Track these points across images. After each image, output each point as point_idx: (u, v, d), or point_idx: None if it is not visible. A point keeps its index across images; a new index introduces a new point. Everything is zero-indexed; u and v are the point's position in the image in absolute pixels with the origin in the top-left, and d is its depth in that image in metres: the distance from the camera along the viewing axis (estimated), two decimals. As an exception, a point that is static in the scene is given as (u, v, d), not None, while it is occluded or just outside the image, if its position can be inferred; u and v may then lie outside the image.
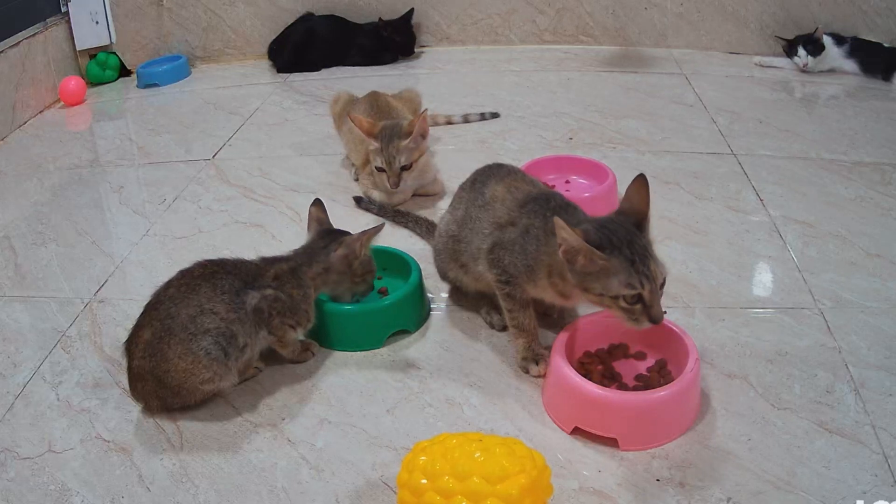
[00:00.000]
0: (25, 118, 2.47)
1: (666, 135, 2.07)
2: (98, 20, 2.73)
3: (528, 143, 2.08)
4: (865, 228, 1.62)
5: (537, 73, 2.59)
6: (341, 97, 2.02)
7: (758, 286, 1.49)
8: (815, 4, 2.56)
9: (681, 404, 1.13)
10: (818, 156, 1.95)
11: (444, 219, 1.41)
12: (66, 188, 2.01)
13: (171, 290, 1.19)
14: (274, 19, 2.84)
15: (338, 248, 1.29)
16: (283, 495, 1.07)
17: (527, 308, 1.24)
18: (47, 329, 1.46)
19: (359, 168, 1.86)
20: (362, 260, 1.31)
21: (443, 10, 2.84)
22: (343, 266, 1.30)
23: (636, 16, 2.69)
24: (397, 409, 1.22)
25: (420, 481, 0.95)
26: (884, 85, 2.38)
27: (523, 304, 1.24)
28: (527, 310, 1.25)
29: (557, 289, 1.17)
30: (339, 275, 1.31)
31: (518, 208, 1.24)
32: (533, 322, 1.25)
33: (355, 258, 1.30)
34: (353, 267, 1.31)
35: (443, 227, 1.40)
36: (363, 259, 1.32)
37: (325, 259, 1.29)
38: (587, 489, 1.05)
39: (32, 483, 1.11)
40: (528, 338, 1.25)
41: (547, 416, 1.18)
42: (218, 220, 1.80)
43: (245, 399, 1.25)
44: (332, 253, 1.29)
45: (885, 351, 1.27)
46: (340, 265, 1.30)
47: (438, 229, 1.43)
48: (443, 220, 1.42)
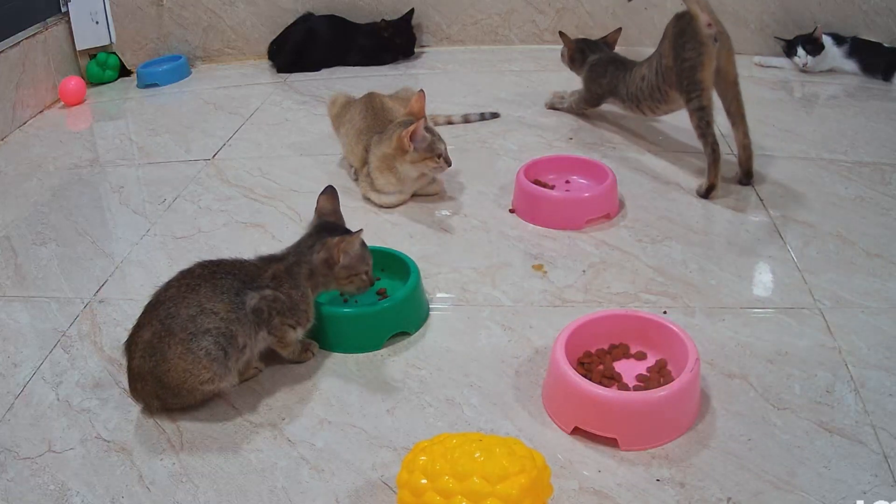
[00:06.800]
0: (25, 118, 2.47)
1: (666, 134, 2.07)
2: (98, 20, 2.72)
3: (528, 143, 2.08)
4: (865, 228, 1.62)
5: (537, 73, 2.59)
6: (339, 98, 2.02)
7: (758, 286, 1.49)
8: (815, 4, 2.56)
9: (681, 404, 1.13)
10: (818, 156, 1.95)
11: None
12: (66, 188, 2.01)
13: (170, 291, 1.19)
14: (274, 19, 2.84)
15: (320, 250, 1.27)
16: (283, 495, 1.08)
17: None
18: (47, 329, 1.46)
19: (357, 169, 1.86)
20: (345, 263, 1.27)
21: (443, 11, 2.84)
22: (325, 269, 1.27)
23: (636, 16, 2.69)
24: (397, 409, 1.22)
25: (420, 481, 0.95)
26: (884, 85, 2.38)
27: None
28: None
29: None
30: (324, 276, 1.28)
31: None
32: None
33: (335, 263, 1.27)
34: (334, 270, 1.28)
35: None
36: (346, 263, 1.28)
37: (309, 260, 1.27)
38: (587, 489, 1.05)
39: (32, 483, 1.11)
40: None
41: (547, 416, 1.18)
42: (218, 220, 1.80)
43: (245, 399, 1.25)
44: (315, 255, 1.27)
45: (885, 351, 1.27)
46: (322, 268, 1.27)
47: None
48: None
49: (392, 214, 1.78)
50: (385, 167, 1.74)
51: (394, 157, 1.71)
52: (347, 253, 1.27)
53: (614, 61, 2.06)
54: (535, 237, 1.65)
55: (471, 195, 1.83)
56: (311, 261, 1.27)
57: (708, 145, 1.74)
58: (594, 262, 1.55)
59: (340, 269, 1.28)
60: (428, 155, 1.69)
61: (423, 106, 1.76)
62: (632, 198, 1.77)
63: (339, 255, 1.26)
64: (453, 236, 1.68)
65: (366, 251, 1.31)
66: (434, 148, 1.69)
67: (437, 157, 1.69)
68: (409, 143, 1.67)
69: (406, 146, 1.67)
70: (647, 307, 1.41)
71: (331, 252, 1.26)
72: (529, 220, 1.70)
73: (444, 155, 1.70)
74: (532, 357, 1.31)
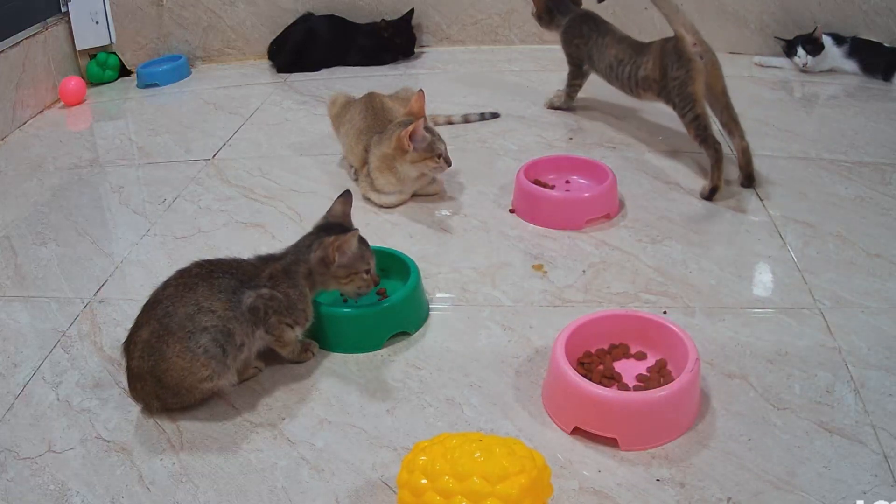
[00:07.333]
0: (25, 118, 2.47)
1: (666, 134, 2.07)
2: (98, 20, 2.72)
3: (528, 143, 2.08)
4: (865, 228, 1.62)
5: (537, 73, 2.59)
6: (339, 98, 2.02)
7: (758, 286, 1.49)
8: (815, 4, 2.56)
9: (681, 404, 1.13)
10: (818, 156, 1.95)
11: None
12: (66, 188, 2.01)
13: (168, 290, 1.19)
14: (274, 19, 2.84)
15: (316, 249, 1.27)
16: (283, 495, 1.08)
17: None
18: (47, 329, 1.46)
19: (357, 169, 1.86)
20: (342, 263, 1.27)
21: (443, 11, 2.84)
22: (322, 268, 1.27)
23: (636, 16, 2.69)
24: (397, 409, 1.22)
25: (420, 481, 0.95)
26: (884, 85, 2.38)
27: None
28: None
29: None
30: (322, 276, 1.28)
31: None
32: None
33: (331, 262, 1.26)
34: (330, 270, 1.27)
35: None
36: (343, 262, 1.27)
37: (307, 260, 1.27)
38: (587, 489, 1.05)
39: (32, 483, 1.11)
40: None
41: (547, 416, 1.18)
42: (218, 220, 1.80)
43: (245, 399, 1.25)
44: (312, 254, 1.27)
45: (885, 351, 1.27)
46: (319, 267, 1.27)
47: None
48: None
49: (392, 214, 1.78)
50: (385, 167, 1.74)
51: (394, 157, 1.71)
52: (344, 252, 1.27)
53: (588, 20, 2.09)
54: (535, 237, 1.65)
55: (471, 195, 1.83)
56: (308, 260, 1.27)
57: (710, 147, 1.75)
58: (594, 262, 1.55)
59: (338, 269, 1.27)
60: (428, 155, 1.69)
61: (422, 106, 1.76)
62: (632, 198, 1.77)
63: (335, 255, 1.26)
64: (453, 236, 1.68)
65: (366, 250, 1.31)
66: (434, 148, 1.69)
67: (436, 156, 1.69)
68: (408, 143, 1.67)
69: (405, 146, 1.67)
70: (647, 307, 1.41)
71: (326, 251, 1.26)
72: (529, 220, 1.70)
73: (444, 155, 1.71)
74: (532, 357, 1.31)
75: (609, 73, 2.01)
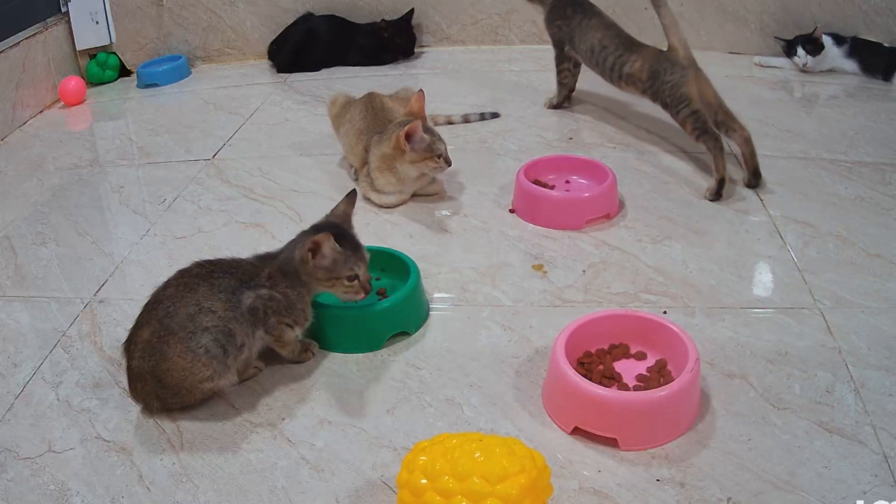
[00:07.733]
0: (25, 118, 2.47)
1: (666, 135, 2.07)
2: (98, 20, 2.72)
3: (528, 143, 2.08)
4: (865, 228, 1.62)
5: (537, 73, 2.58)
6: (339, 98, 2.02)
7: (758, 286, 1.49)
8: (814, 4, 2.56)
9: (681, 404, 1.13)
10: (818, 156, 1.95)
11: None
12: (66, 188, 2.01)
13: (169, 290, 1.19)
14: (274, 19, 2.84)
15: (299, 248, 1.24)
16: (283, 495, 1.08)
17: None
18: (47, 329, 1.46)
19: (357, 169, 1.86)
20: (321, 265, 1.23)
21: (443, 11, 2.84)
22: (303, 268, 1.24)
23: (636, 15, 2.69)
24: (397, 409, 1.22)
25: (420, 481, 0.95)
26: (884, 85, 2.38)
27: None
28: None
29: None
30: (306, 276, 1.25)
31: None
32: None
33: (306, 262, 1.23)
34: (307, 270, 1.24)
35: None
36: (323, 265, 1.23)
37: (292, 258, 1.25)
38: (587, 489, 1.05)
39: (32, 483, 1.11)
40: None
41: (547, 416, 1.18)
42: (218, 220, 1.80)
43: (245, 399, 1.25)
44: (295, 253, 1.25)
45: (885, 351, 1.27)
46: (301, 266, 1.24)
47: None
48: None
49: (392, 214, 1.78)
50: (385, 167, 1.74)
51: (393, 157, 1.71)
52: (324, 255, 1.23)
53: (574, 2, 2.10)
54: (535, 237, 1.65)
55: (471, 195, 1.83)
56: (293, 259, 1.25)
57: (710, 138, 1.76)
58: (594, 262, 1.55)
59: (318, 271, 1.24)
60: (427, 155, 1.69)
61: (422, 106, 1.76)
62: (632, 198, 1.77)
63: (307, 255, 1.22)
64: (453, 236, 1.68)
65: (351, 256, 1.25)
66: (434, 148, 1.69)
67: (436, 156, 1.69)
68: (404, 144, 1.67)
69: (402, 146, 1.67)
70: (647, 307, 1.41)
71: (301, 252, 1.23)
72: (529, 220, 1.70)
73: (443, 155, 1.70)
74: (532, 357, 1.31)
75: (590, 57, 2.03)
